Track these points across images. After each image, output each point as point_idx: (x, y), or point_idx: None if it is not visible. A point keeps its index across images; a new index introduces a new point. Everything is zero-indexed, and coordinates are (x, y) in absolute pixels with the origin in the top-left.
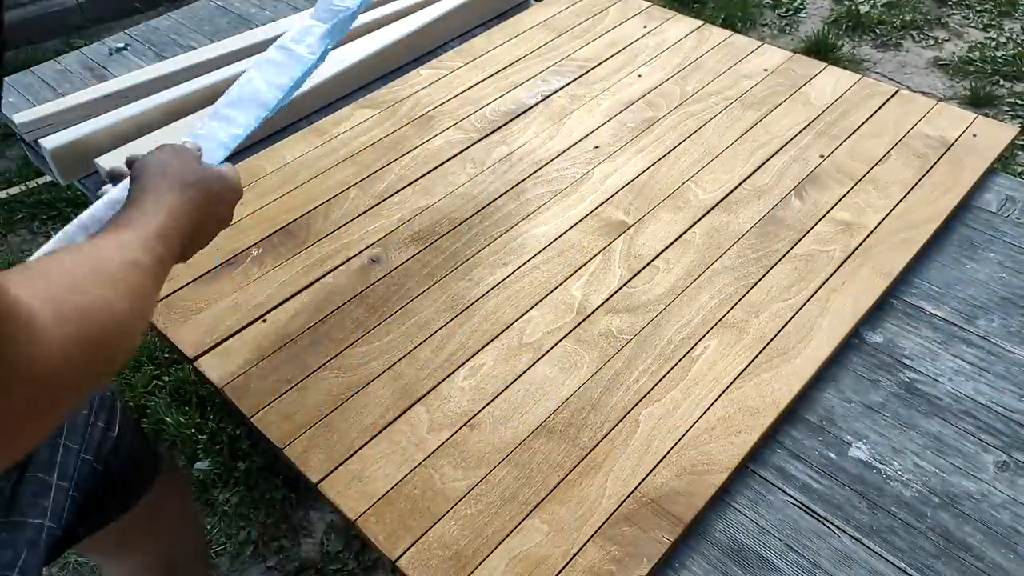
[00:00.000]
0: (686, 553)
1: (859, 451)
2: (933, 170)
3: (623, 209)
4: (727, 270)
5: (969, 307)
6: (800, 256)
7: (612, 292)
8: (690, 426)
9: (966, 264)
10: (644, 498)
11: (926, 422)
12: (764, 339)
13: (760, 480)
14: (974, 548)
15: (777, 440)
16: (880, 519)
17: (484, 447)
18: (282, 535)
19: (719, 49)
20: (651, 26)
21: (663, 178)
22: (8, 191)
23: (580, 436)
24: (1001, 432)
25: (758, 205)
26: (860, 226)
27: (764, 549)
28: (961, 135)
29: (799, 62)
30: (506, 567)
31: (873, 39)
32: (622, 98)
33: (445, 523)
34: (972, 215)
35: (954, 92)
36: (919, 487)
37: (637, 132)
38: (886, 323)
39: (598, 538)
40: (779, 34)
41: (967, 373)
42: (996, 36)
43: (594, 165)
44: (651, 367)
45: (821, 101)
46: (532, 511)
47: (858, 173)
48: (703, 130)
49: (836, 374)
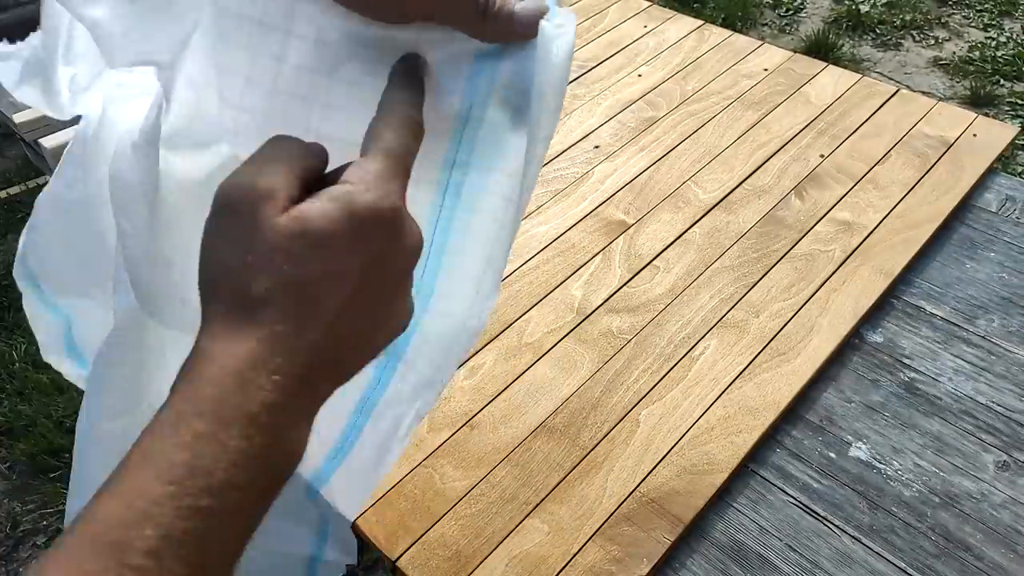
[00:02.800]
0: (686, 553)
1: (859, 451)
2: (933, 170)
3: (623, 209)
4: (727, 270)
5: (969, 307)
6: (800, 256)
7: (612, 292)
8: (690, 426)
9: (966, 264)
10: (644, 498)
11: (926, 422)
12: (764, 339)
13: (760, 480)
14: (974, 548)
15: (777, 440)
16: (880, 519)
17: (484, 447)
18: None
19: (719, 49)
20: (651, 26)
21: (663, 178)
22: (8, 191)
23: (580, 436)
24: (1001, 432)
25: (758, 205)
26: (860, 226)
27: (764, 549)
28: (961, 135)
29: (799, 62)
30: (506, 567)
31: (873, 39)
32: (622, 98)
33: (445, 523)
34: (972, 215)
35: (954, 92)
36: (919, 487)
37: (637, 132)
38: (886, 323)
39: (598, 538)
40: (779, 34)
41: (967, 373)
42: (996, 36)
43: (594, 165)
44: (651, 367)
45: (821, 101)
46: (532, 511)
47: (858, 173)
48: (703, 130)
49: (836, 374)
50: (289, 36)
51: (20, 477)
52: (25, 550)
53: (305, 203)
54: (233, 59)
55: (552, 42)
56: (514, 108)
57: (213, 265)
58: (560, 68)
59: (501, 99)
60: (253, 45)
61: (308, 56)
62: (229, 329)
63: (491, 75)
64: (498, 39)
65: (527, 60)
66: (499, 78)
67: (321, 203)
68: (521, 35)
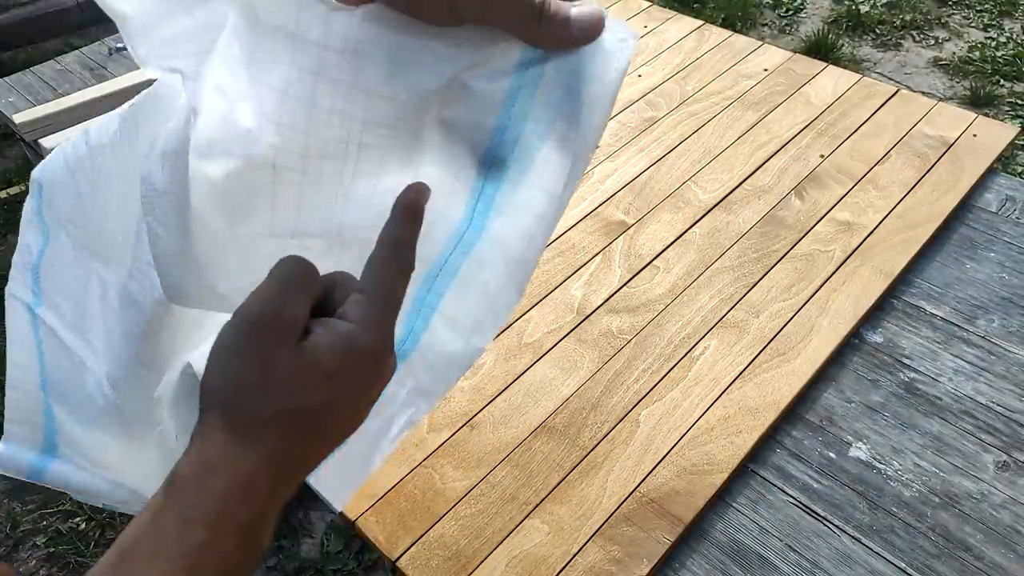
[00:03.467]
0: (686, 553)
1: (859, 451)
2: (933, 170)
3: (623, 209)
4: (727, 270)
5: (969, 307)
6: (800, 256)
7: (612, 292)
8: (690, 426)
9: (966, 264)
10: (644, 498)
11: (926, 422)
12: (764, 339)
13: (760, 480)
14: (974, 548)
15: (777, 440)
16: (880, 519)
17: (484, 447)
18: (282, 535)
19: (719, 49)
20: (651, 26)
21: (663, 178)
22: (8, 191)
23: (580, 436)
24: (1001, 432)
25: (758, 205)
26: (860, 226)
27: (764, 549)
28: (961, 135)
29: (799, 62)
30: (506, 567)
31: (873, 39)
32: (622, 98)
33: (445, 523)
34: (972, 215)
35: (954, 92)
36: (919, 487)
37: (637, 132)
38: (886, 323)
39: (598, 538)
40: (779, 34)
41: (967, 373)
42: (996, 36)
43: (594, 165)
44: (651, 367)
45: (821, 101)
46: (532, 511)
47: (858, 173)
48: (703, 130)
49: (836, 374)
50: (327, 50)
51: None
52: (25, 550)
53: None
54: (269, 72)
55: (611, 56)
56: (557, 125)
57: (227, 378)
58: (613, 84)
59: (542, 116)
60: (289, 58)
61: (347, 70)
62: (236, 445)
63: (532, 90)
64: (552, 44)
65: (575, 77)
66: (541, 94)
67: (331, 339)
68: (575, 41)
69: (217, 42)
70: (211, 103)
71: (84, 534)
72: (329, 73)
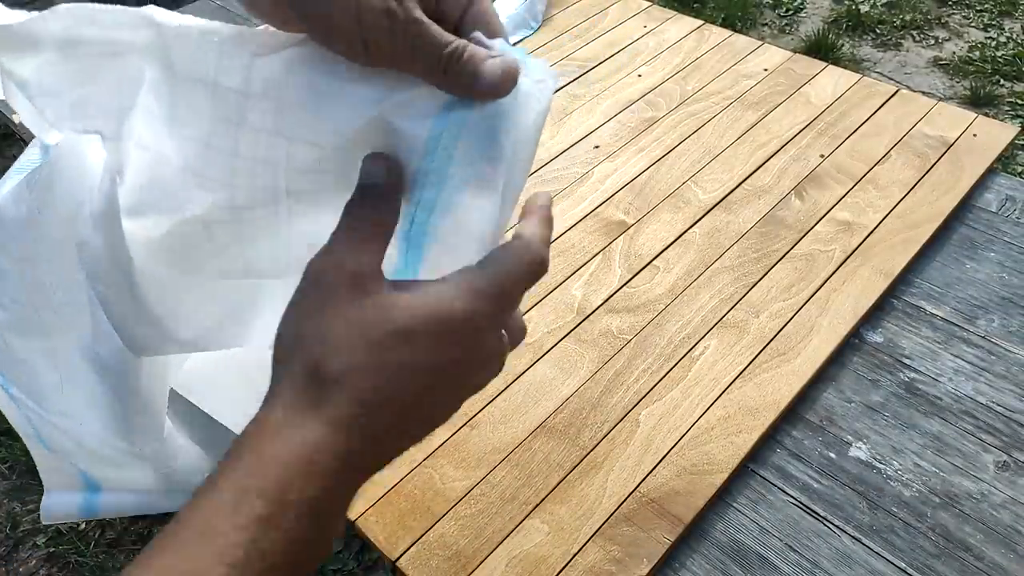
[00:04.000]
0: (686, 553)
1: (859, 451)
2: (933, 170)
3: (623, 209)
4: (727, 270)
5: (969, 307)
6: (800, 256)
7: (612, 292)
8: (690, 426)
9: (966, 264)
10: (644, 498)
11: (926, 422)
12: (764, 339)
13: (760, 480)
14: (974, 548)
15: (777, 440)
16: (880, 519)
17: (484, 447)
18: None
19: (719, 49)
20: (651, 26)
21: (663, 178)
22: None
23: (580, 436)
24: (1001, 432)
25: (758, 205)
26: (860, 226)
27: (764, 549)
28: (961, 135)
29: (799, 62)
30: (506, 567)
31: (873, 39)
32: (622, 98)
33: (445, 523)
34: (972, 215)
35: (954, 92)
36: (919, 487)
37: (637, 132)
38: (886, 323)
39: (598, 538)
40: (779, 34)
41: (967, 373)
42: (996, 36)
43: (594, 165)
44: (651, 367)
45: (821, 101)
46: (532, 511)
47: (858, 173)
48: (703, 130)
49: (836, 374)
50: (247, 98)
51: (20, 477)
52: (25, 550)
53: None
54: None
55: (529, 98)
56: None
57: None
58: (532, 128)
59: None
60: (210, 109)
61: (268, 118)
62: (300, 406)
63: (456, 132)
64: (461, 94)
65: (496, 119)
66: (465, 136)
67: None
68: (484, 95)
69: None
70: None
71: (84, 534)
72: (250, 122)
